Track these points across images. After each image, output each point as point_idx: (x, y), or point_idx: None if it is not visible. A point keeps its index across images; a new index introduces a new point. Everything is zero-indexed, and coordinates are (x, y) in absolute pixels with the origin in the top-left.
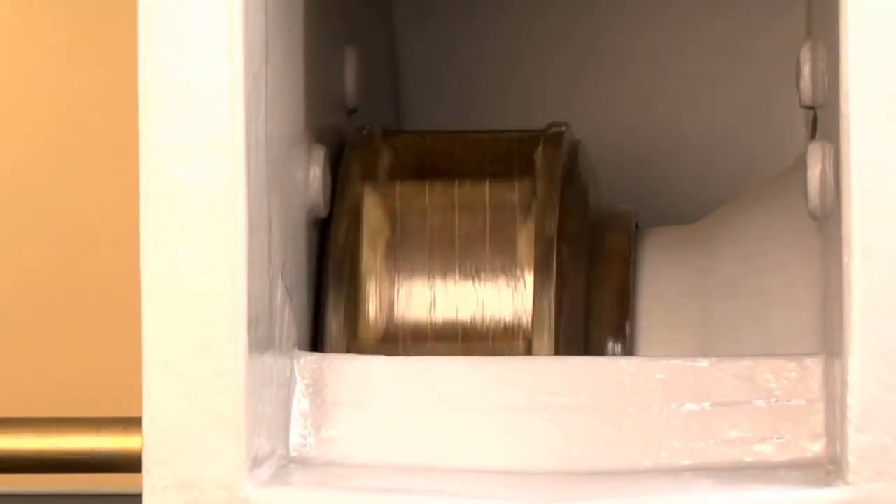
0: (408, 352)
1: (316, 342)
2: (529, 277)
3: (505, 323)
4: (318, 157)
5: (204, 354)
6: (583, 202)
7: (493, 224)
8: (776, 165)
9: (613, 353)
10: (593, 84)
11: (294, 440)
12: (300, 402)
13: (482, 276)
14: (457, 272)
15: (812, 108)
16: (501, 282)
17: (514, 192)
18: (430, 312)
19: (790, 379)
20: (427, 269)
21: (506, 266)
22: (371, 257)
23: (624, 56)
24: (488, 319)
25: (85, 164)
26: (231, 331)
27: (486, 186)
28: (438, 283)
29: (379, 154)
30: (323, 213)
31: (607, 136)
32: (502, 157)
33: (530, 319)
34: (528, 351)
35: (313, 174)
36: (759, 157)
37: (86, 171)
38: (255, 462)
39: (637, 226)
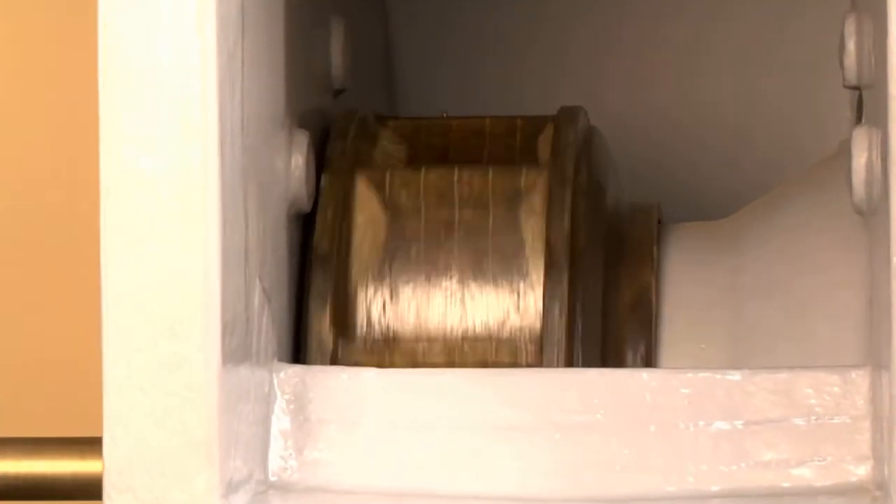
0: (402, 364)
1: (298, 352)
2: (538, 279)
3: (512, 331)
4: (301, 143)
5: (172, 367)
6: (598, 194)
7: (497, 220)
8: (818, 153)
9: (633, 365)
10: (616, 63)
11: (273, 463)
12: (280, 421)
13: (486, 278)
14: (457, 274)
15: (857, 88)
16: (508, 284)
17: (521, 184)
18: (427, 319)
19: (832, 394)
20: (424, 271)
21: (512, 266)
22: (360, 256)
23: (651, 32)
24: (493, 327)
25: (41, 153)
26: (203, 340)
27: (489, 178)
28: (437, 286)
29: (369, 140)
30: (306, 206)
31: (629, 120)
32: (506, 145)
33: (540, 326)
34: (538, 362)
35: (295, 163)
36: (799, 144)
37: (40, 161)
38: (230, 487)
39: (660, 221)
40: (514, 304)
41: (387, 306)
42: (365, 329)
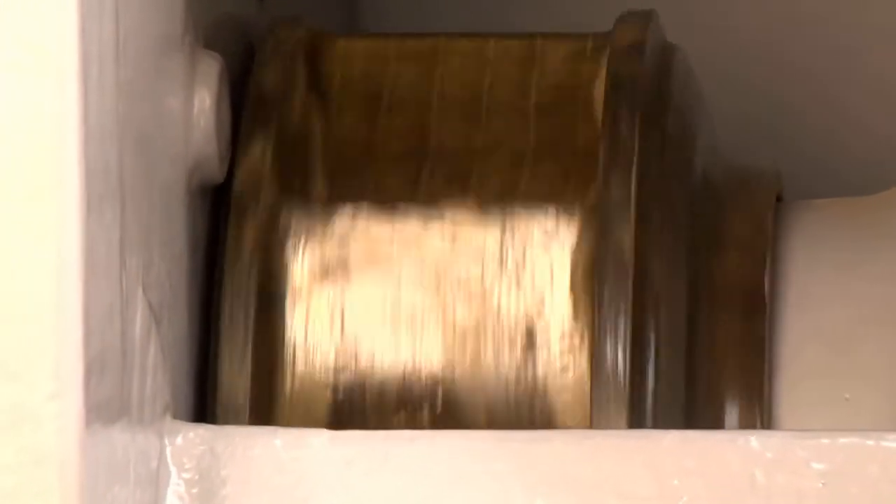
0: (368, 422)
1: (204, 404)
2: (587, 291)
3: (544, 371)
4: (209, 73)
5: (7, 426)
6: (681, 155)
7: (520, 199)
8: None
9: (737, 425)
10: None
11: None
12: None
13: (499, 288)
14: (452, 279)
15: None
16: (535, 300)
17: (559, 139)
18: (404, 352)
19: None
20: (399, 274)
21: (544, 271)
22: (300, 251)
23: None
24: (512, 365)
25: None
26: (55, 385)
27: (504, 127)
28: (419, 301)
29: (314, 67)
30: (217, 173)
31: (730, 45)
32: (534, 74)
33: (588, 365)
34: (586, 421)
35: (200, 104)
36: None
37: None
38: None
39: (780, 197)
40: (548, 330)
41: (337, 334)
42: (304, 365)
